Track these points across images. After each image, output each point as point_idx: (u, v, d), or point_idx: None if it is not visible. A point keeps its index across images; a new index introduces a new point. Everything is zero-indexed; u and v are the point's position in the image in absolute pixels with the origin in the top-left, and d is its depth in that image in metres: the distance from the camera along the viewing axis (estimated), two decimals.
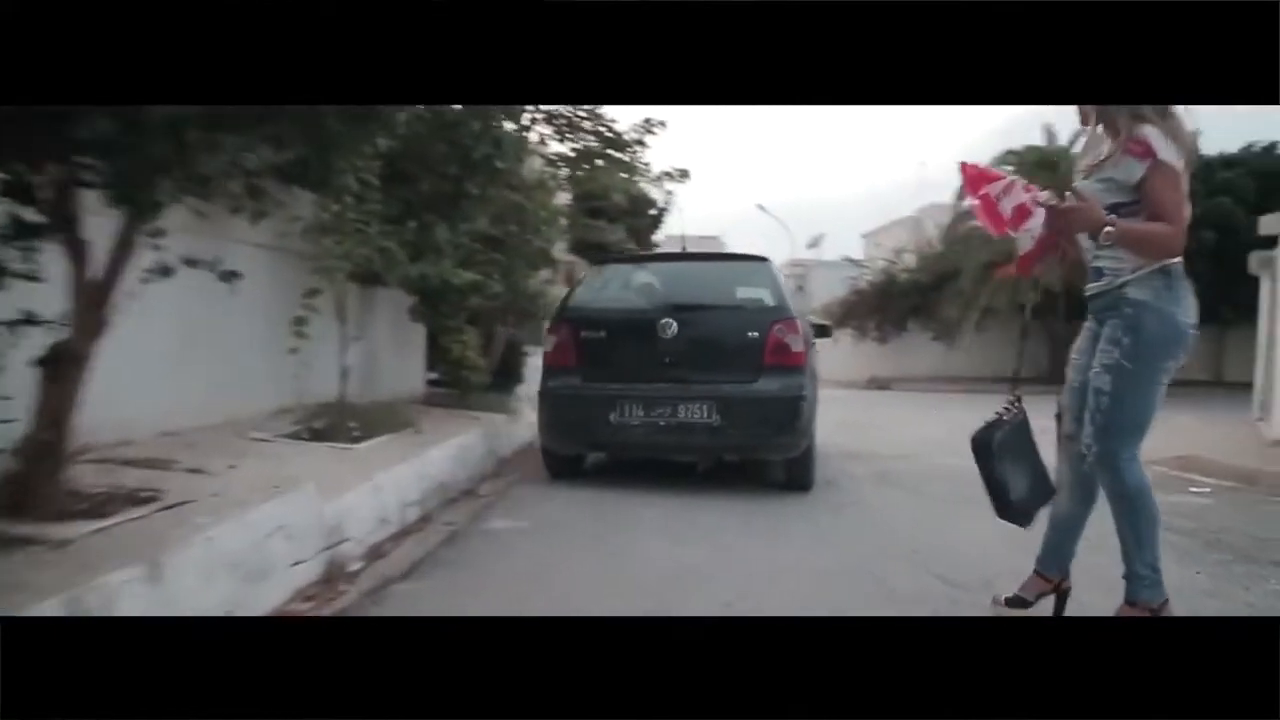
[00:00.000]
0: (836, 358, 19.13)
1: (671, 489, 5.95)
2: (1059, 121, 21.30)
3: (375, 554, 3.91)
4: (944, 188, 38.23)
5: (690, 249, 8.84)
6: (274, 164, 5.21)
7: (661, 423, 5.66)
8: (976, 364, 21.89)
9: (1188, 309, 2.83)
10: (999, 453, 3.09)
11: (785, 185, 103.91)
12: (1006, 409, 3.15)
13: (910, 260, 23.85)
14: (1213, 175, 20.07)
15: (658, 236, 24.47)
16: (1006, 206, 2.95)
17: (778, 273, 6.50)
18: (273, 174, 5.39)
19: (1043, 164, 20.25)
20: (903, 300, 23.29)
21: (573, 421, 5.97)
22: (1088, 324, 3.06)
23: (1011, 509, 3.12)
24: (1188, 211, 2.78)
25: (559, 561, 4.04)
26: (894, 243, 26.83)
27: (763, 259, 6.62)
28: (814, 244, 36.87)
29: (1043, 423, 3.28)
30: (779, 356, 5.72)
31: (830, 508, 5.51)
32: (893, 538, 4.67)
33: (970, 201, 3.12)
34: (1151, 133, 2.72)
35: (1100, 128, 2.95)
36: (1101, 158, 2.90)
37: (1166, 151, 2.71)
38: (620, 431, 5.73)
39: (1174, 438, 10.23)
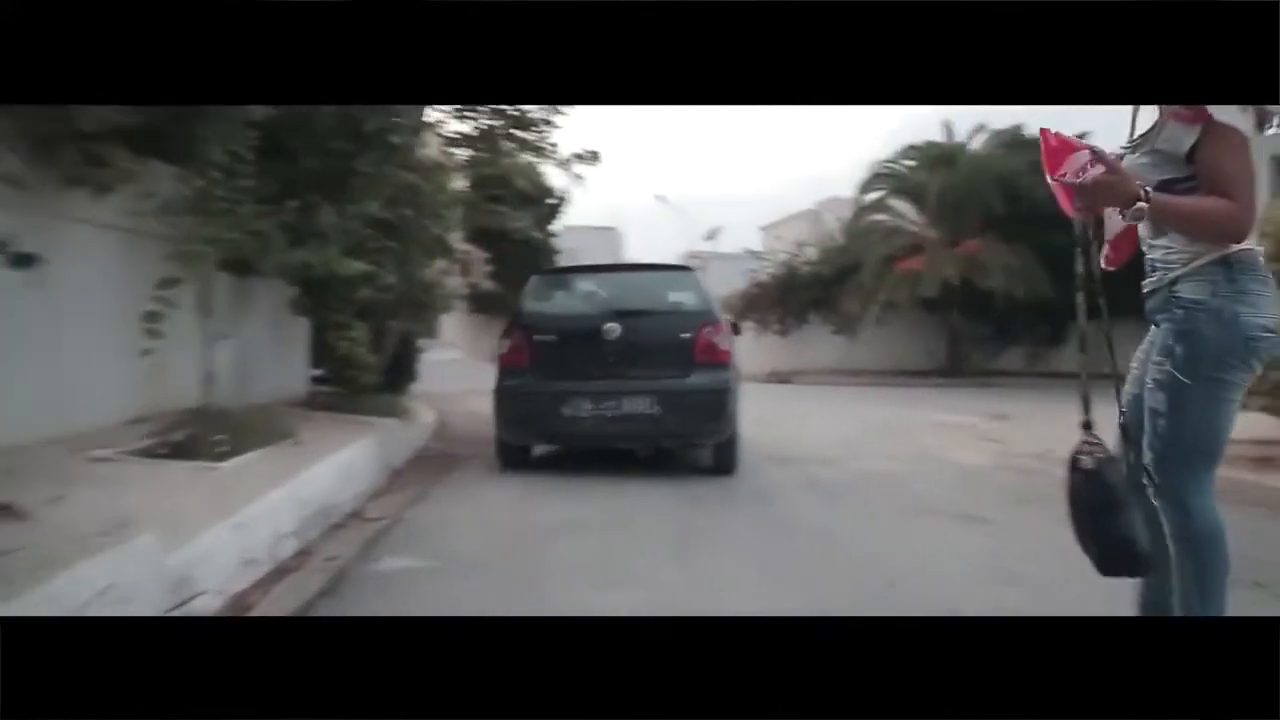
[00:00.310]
0: (738, 351, 18.81)
1: (592, 511, 5.32)
2: (957, 119, 21.51)
3: (238, 607, 3.17)
4: (842, 183, 38.49)
5: (586, 239, 9.96)
6: (120, 127, 4.42)
7: (608, 415, 6.28)
8: (877, 357, 21.96)
9: (1257, 307, 2.27)
10: (1127, 500, 2.39)
11: (683, 178, 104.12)
12: (1090, 446, 2.45)
13: (811, 253, 23.75)
14: None
15: (557, 225, 23.81)
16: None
17: (704, 280, 7.34)
18: (119, 140, 4.58)
19: (942, 160, 20.40)
20: (804, 293, 23.14)
21: (529, 416, 6.50)
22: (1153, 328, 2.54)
23: (1141, 561, 2.42)
24: (1254, 185, 2.24)
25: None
26: (793, 236, 26.75)
27: (689, 269, 7.76)
28: (711, 236, 36.74)
29: (940, 416, 2.80)
30: (708, 354, 6.46)
31: (773, 529, 4.95)
32: (856, 566, 4.12)
33: (1053, 180, 2.60)
34: None
35: None
36: (1151, 126, 2.37)
37: (1224, 110, 2.20)
38: (572, 424, 6.32)
39: (1078, 434, 10.22)
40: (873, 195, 21.71)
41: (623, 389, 6.29)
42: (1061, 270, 19.55)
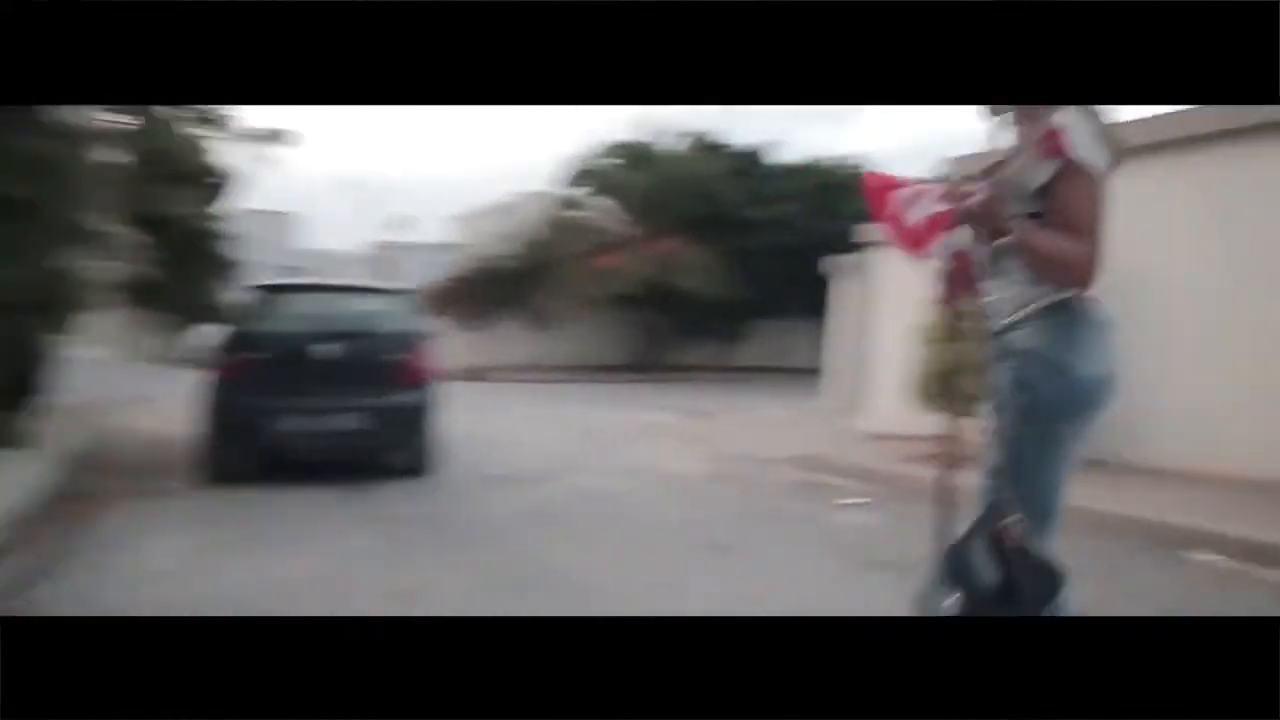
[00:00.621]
0: (438, 353, 17.98)
1: (282, 567, 4.37)
2: (658, 121, 22.01)
3: None
4: (537, 176, 38.51)
5: (263, 224, 9.77)
6: None
7: (319, 429, 6.70)
8: (573, 353, 22.05)
9: (1092, 355, 2.16)
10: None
11: (370, 162, 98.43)
12: (1021, 527, 2.17)
13: (509, 247, 23.24)
14: (780, 183, 22.07)
15: (231, 208, 21.42)
16: (917, 218, 2.47)
17: (415, 302, 8.05)
18: None
19: (645, 160, 20.77)
20: (501, 288, 22.61)
21: (243, 431, 6.61)
22: None
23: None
24: (1105, 230, 2.13)
25: None
26: (490, 228, 26.12)
27: (406, 291, 8.23)
28: (402, 225, 35.10)
29: (644, 415, 2.47)
30: (412, 374, 7.08)
31: (508, 583, 4.18)
32: None
33: (888, 220, 2.57)
34: (1067, 123, 2.08)
35: (1006, 117, 2.29)
36: (1003, 156, 2.25)
37: (1083, 149, 2.08)
38: (285, 438, 6.65)
39: (778, 433, 10.58)
40: (575, 191, 21.68)
41: (333, 406, 6.68)
42: (750, 271, 20.68)
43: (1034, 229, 2.11)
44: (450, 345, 21.48)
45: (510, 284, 22.18)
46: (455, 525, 5.54)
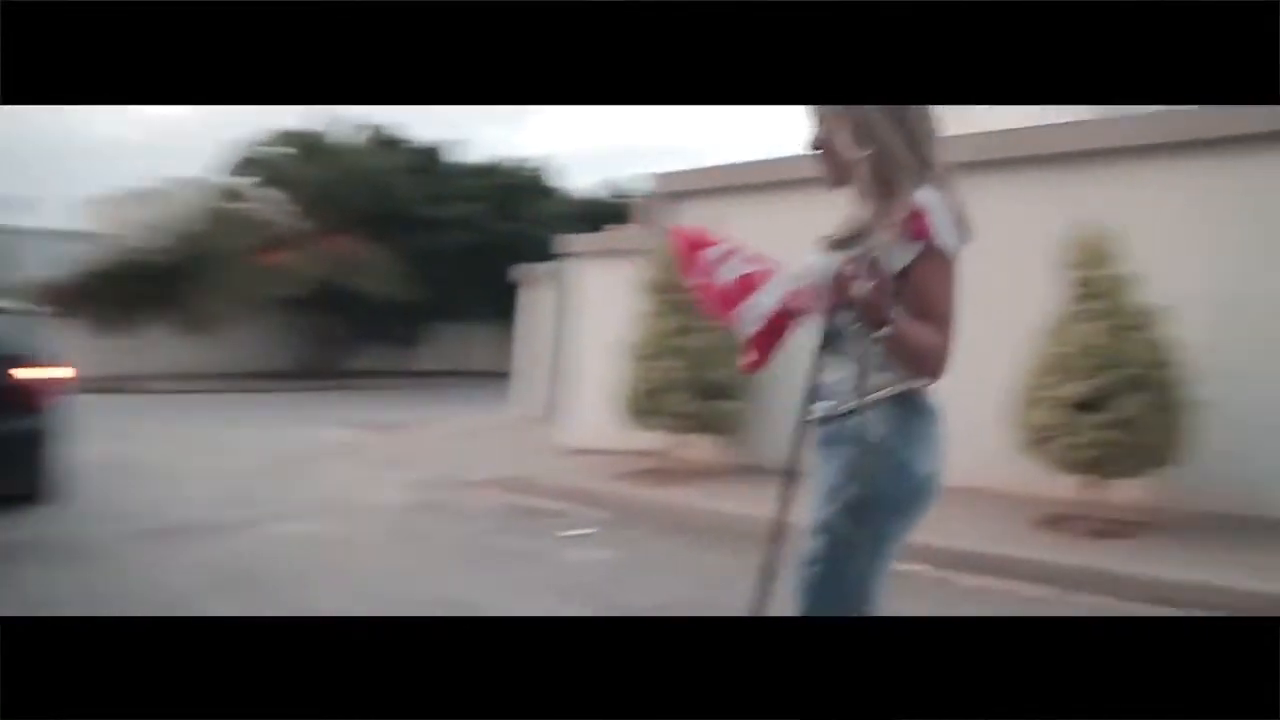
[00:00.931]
0: (62, 353, 15.30)
1: None
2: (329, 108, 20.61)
3: None
4: (196, 161, 34.77)
5: None
6: None
7: None
8: (235, 359, 20.09)
9: (927, 451, 2.05)
10: None
11: None
12: None
13: (158, 239, 20.57)
14: (461, 182, 21.62)
15: None
16: (726, 278, 2.28)
17: (24, 316, 6.97)
18: None
19: (319, 151, 19.38)
20: (147, 285, 19.96)
21: None
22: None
23: None
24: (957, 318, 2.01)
25: None
26: (133, 216, 23.04)
27: (11, 308, 7.07)
28: (18, 206, 30.13)
29: (326, 431, 2.37)
30: (21, 399, 5.99)
31: None
32: None
33: (698, 282, 2.39)
34: (931, 204, 1.94)
35: (855, 186, 2.07)
36: (856, 229, 2.06)
37: (945, 234, 1.96)
38: None
39: (476, 448, 10.11)
40: (239, 180, 19.69)
41: None
42: (429, 272, 20.08)
43: (908, 325, 1.96)
44: (83, 352, 18.65)
45: (159, 281, 19.61)
46: (101, 602, 4.35)
